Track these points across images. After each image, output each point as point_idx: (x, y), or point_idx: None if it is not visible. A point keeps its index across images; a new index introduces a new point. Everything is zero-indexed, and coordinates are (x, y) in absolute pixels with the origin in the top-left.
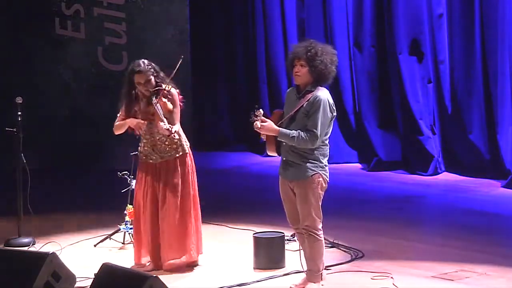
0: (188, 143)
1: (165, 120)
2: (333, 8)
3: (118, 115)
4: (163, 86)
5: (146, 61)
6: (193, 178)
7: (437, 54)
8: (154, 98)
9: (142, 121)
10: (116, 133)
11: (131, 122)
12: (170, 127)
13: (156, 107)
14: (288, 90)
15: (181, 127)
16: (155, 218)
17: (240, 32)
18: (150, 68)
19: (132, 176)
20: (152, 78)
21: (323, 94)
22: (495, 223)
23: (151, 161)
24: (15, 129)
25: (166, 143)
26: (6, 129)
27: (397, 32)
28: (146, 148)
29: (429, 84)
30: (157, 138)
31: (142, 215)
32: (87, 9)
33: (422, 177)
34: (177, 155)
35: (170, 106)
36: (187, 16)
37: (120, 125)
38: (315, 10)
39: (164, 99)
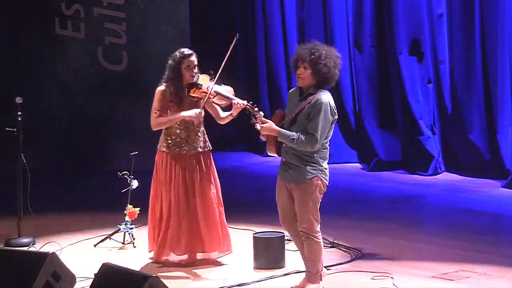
0: None
1: (232, 96)
2: (333, 8)
3: (155, 111)
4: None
5: None
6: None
7: (437, 54)
8: (201, 82)
9: (199, 110)
10: (157, 128)
11: (188, 113)
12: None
13: (214, 88)
14: (291, 90)
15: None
16: (187, 211)
17: (240, 32)
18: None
19: (132, 176)
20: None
21: (325, 97)
22: (495, 223)
23: (184, 152)
24: (15, 129)
25: (199, 134)
26: (6, 129)
27: (397, 32)
28: (178, 139)
29: (429, 84)
30: (192, 128)
31: (174, 210)
32: (87, 9)
33: (422, 177)
34: (207, 149)
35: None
36: (187, 16)
37: (168, 120)
38: (315, 10)
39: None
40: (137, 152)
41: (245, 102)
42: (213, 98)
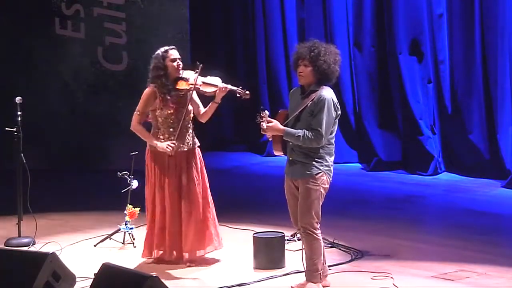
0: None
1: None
2: (333, 8)
3: (137, 112)
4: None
5: None
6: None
7: (437, 54)
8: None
9: (172, 144)
10: (134, 131)
11: (161, 145)
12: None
13: (200, 78)
14: (292, 90)
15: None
16: (176, 209)
17: (240, 32)
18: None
19: (132, 176)
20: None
21: (327, 93)
22: (495, 223)
23: (179, 150)
24: (15, 129)
25: (190, 131)
26: (6, 129)
27: (397, 32)
28: (172, 137)
29: (429, 84)
30: (184, 124)
31: (162, 208)
32: (87, 9)
33: (422, 177)
34: (193, 145)
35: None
36: (187, 16)
37: (144, 136)
38: (315, 10)
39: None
40: (137, 152)
41: (229, 86)
42: (200, 87)
